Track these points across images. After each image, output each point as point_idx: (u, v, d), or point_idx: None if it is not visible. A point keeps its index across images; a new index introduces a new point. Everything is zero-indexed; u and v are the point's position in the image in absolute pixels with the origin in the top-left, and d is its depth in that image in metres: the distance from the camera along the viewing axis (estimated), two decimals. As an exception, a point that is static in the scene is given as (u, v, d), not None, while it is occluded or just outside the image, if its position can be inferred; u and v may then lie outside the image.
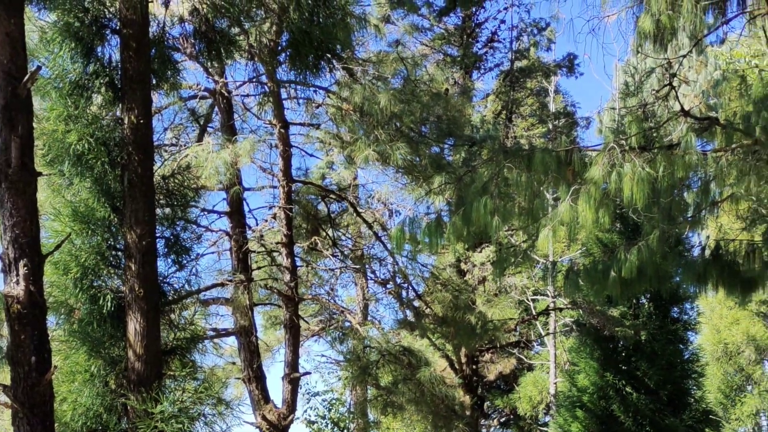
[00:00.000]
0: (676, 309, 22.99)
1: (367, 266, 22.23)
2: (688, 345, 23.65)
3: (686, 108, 11.60)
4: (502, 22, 27.93)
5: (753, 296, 22.57)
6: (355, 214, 19.74)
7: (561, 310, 25.93)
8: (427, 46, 26.63)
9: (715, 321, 34.25)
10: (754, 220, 14.76)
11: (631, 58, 15.64)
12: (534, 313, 26.63)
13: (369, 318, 24.65)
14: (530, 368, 33.27)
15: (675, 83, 11.23)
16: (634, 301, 22.34)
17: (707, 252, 14.49)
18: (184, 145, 16.85)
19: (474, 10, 27.39)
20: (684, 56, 11.07)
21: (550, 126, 25.81)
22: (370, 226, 19.78)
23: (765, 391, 34.80)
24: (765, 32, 11.06)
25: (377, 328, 21.82)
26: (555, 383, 27.81)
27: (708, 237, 16.61)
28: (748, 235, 14.97)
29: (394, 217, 20.44)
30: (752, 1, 10.38)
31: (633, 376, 22.24)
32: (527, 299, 26.05)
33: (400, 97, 14.74)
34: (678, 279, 15.96)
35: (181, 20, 10.17)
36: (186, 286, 11.01)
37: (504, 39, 28.22)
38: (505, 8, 27.46)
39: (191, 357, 10.63)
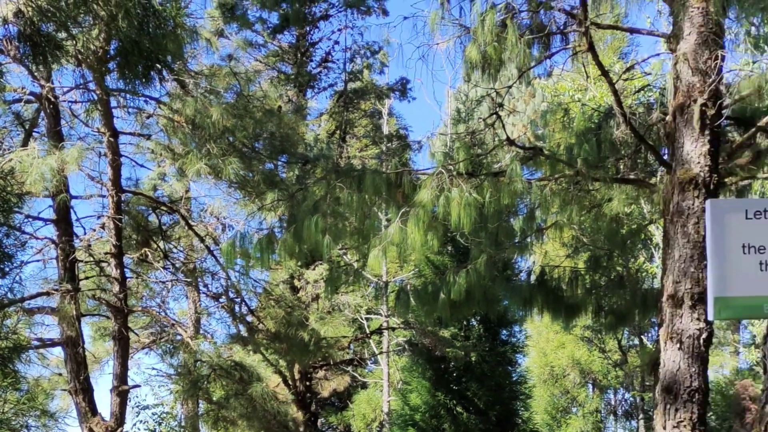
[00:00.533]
0: (505, 332, 23.52)
1: (199, 280, 21.91)
2: (516, 367, 24.25)
3: (515, 137, 11.86)
4: (336, 43, 28.11)
5: (577, 321, 23.33)
6: (187, 227, 19.45)
7: (394, 329, 26.15)
8: (261, 62, 26.50)
9: (543, 344, 35.19)
10: (577, 247, 15.21)
11: (462, 86, 15.92)
12: (368, 331, 26.77)
13: (201, 332, 24.28)
14: (364, 386, 33.44)
15: (502, 112, 11.46)
16: (465, 322, 22.73)
17: (533, 277, 14.84)
18: (8, 150, 16.26)
19: (308, 29, 27.47)
20: (509, 87, 11.29)
21: (384, 148, 26.08)
22: (202, 240, 19.51)
23: (589, 413, 35.90)
24: (584, 68, 11.40)
25: (209, 342, 21.53)
26: (388, 401, 27.96)
27: (534, 263, 17.04)
28: (572, 262, 15.40)
29: (227, 231, 20.19)
30: (574, 37, 10.69)
31: (464, 396, 22.61)
32: (361, 318, 26.16)
33: (233, 112, 14.62)
34: (506, 303, 16.27)
35: (5, 22, 9.79)
36: (9, 294, 10.63)
37: (338, 60, 28.43)
38: (339, 29, 27.63)
39: (14, 367, 10.27)
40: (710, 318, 5.47)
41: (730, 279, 5.43)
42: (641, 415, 34.60)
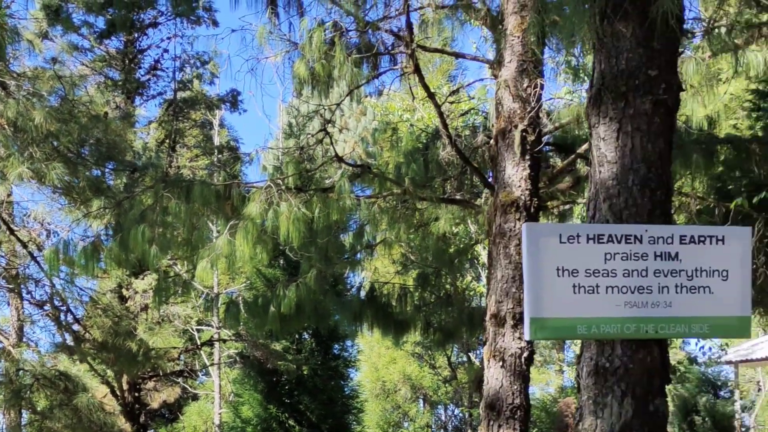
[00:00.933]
0: (337, 346, 23.68)
1: (22, 286, 21.23)
2: (348, 381, 24.49)
3: (346, 153, 11.93)
4: (165, 51, 27.49)
5: (407, 337, 23.66)
6: (8, 232, 18.79)
7: (225, 341, 25.91)
8: (87, 66, 25.71)
9: (374, 359, 35.45)
10: (405, 265, 15.42)
11: (294, 100, 15.94)
12: (198, 343, 26.44)
13: (24, 340, 23.46)
14: (195, 398, 33.05)
15: (334, 129, 11.51)
16: (297, 336, 22.75)
17: (363, 293, 14.96)
18: None
19: (136, 35, 26.93)
20: (338, 104, 11.36)
21: (215, 159, 25.82)
22: (24, 246, 18.90)
23: (420, 428, 36.33)
24: (411, 89, 11.56)
25: (33, 351, 20.91)
26: (219, 413, 27.66)
27: (364, 278, 17.18)
28: (401, 279, 15.59)
29: (51, 237, 19.59)
30: (402, 58, 10.82)
31: (296, 409, 22.66)
32: (191, 329, 25.81)
33: (57, 116, 14.20)
34: (337, 317, 16.35)
35: None
36: None
37: (167, 68, 27.79)
38: (168, 38, 27.09)
39: None
40: (527, 338, 5.61)
41: (545, 301, 5.56)
42: (470, 431, 35.21)
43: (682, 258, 5.63)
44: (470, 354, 32.66)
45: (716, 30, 8.74)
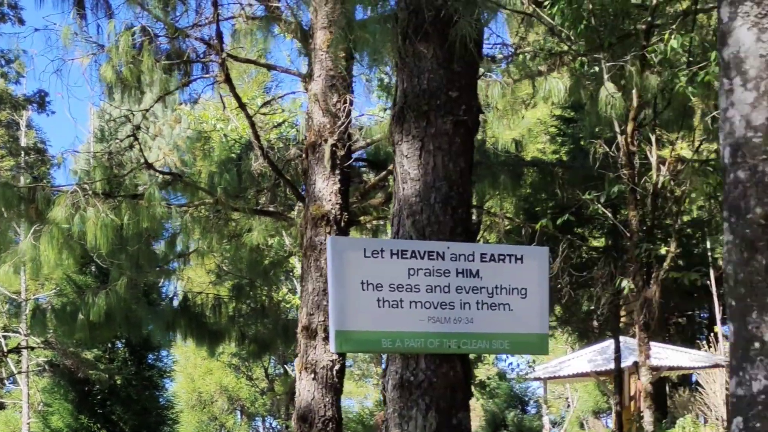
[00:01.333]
0: (151, 356, 23.24)
1: None
2: (163, 392, 24.07)
3: (159, 160, 11.74)
4: (-34, 48, 26.51)
5: (222, 348, 23.44)
6: None
7: (33, 349, 25.06)
8: None
9: (190, 370, 34.97)
10: (220, 275, 15.30)
11: (105, 104, 15.57)
12: (5, 350, 25.48)
13: None
14: (2, 407, 31.95)
15: (147, 135, 11.33)
16: (110, 345, 22.24)
17: (176, 302, 14.78)
18: None
19: (-63, 31, 25.83)
20: (147, 110, 11.17)
21: (22, 161, 24.92)
22: None
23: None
24: (222, 99, 11.50)
25: None
26: (28, 423, 26.77)
27: (177, 288, 16.95)
28: (216, 290, 15.46)
29: None
30: (215, 67, 10.73)
31: (108, 419, 22.17)
32: (-2, 335, 24.89)
33: None
34: (150, 327, 16.07)
35: None
36: None
37: (-30, 66, 26.78)
38: (-30, 35, 26.13)
39: None
40: (332, 350, 5.59)
41: (350, 314, 5.53)
42: (286, 443, 35.13)
43: (483, 276, 5.68)
44: (287, 366, 32.53)
45: (520, 56, 8.98)
